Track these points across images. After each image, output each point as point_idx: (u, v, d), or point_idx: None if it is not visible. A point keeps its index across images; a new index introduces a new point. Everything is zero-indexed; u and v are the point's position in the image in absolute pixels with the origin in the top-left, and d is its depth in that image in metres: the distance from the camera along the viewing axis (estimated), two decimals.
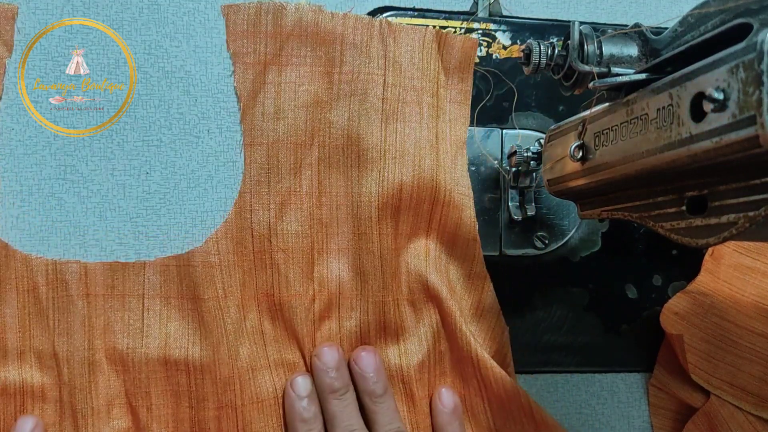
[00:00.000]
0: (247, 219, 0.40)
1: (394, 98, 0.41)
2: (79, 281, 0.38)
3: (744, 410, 0.43)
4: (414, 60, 0.41)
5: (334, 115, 0.41)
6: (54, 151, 0.39)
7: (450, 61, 0.43)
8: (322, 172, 0.41)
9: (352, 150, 0.41)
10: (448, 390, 0.42)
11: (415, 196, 0.41)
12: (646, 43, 0.32)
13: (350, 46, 0.40)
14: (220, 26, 0.41)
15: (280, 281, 0.40)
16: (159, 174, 0.40)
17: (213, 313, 0.39)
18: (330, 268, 0.41)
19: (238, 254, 0.39)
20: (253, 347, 0.39)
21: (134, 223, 0.40)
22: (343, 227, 0.41)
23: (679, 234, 0.29)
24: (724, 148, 0.24)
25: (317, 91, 0.41)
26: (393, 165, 0.40)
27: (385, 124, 0.40)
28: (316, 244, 0.41)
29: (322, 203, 0.41)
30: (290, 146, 0.40)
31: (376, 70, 0.41)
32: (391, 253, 0.41)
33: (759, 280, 0.45)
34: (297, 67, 0.40)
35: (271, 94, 0.40)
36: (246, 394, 0.39)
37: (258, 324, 0.40)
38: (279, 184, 0.40)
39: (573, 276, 0.45)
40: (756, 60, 0.22)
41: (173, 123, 0.41)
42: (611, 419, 0.46)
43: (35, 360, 0.38)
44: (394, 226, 0.41)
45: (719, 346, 0.44)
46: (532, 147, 0.41)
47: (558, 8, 0.47)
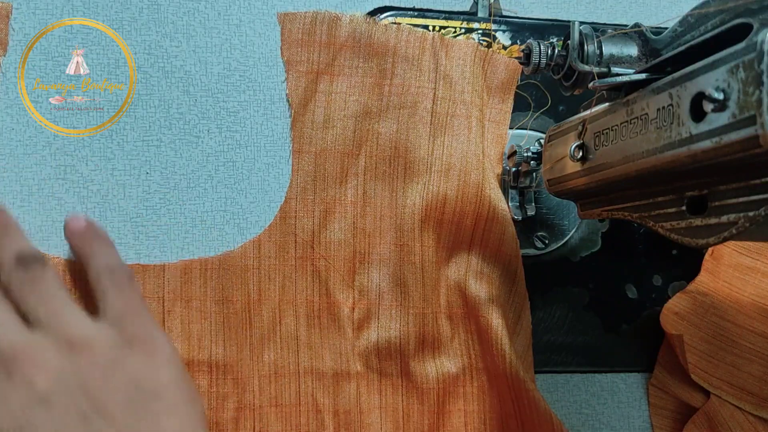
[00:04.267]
0: (291, 225, 0.40)
1: (443, 112, 0.41)
2: None
3: (744, 410, 0.43)
4: (465, 74, 0.41)
5: (382, 126, 0.41)
6: (54, 151, 0.39)
7: (493, 80, 0.43)
8: (368, 182, 0.41)
9: (398, 162, 0.41)
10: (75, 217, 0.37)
11: (458, 211, 0.41)
12: (646, 43, 0.32)
13: (402, 59, 0.41)
14: (220, 26, 0.41)
15: (320, 288, 0.40)
16: (159, 174, 0.40)
17: (240, 316, 0.39)
18: (371, 277, 0.41)
19: (280, 258, 0.40)
20: (284, 352, 0.40)
21: (134, 223, 0.40)
22: (385, 237, 0.41)
23: (679, 234, 0.29)
24: (724, 148, 0.24)
25: (367, 102, 0.41)
26: (438, 178, 0.40)
27: (433, 138, 0.41)
28: (358, 253, 0.41)
29: (366, 213, 0.41)
30: (337, 155, 0.41)
31: (427, 83, 0.41)
32: (432, 266, 0.41)
33: (759, 280, 0.45)
34: (348, 78, 0.41)
35: (321, 103, 0.41)
36: (265, 396, 0.39)
37: (294, 329, 0.40)
38: (324, 192, 0.41)
39: (573, 276, 0.45)
40: (756, 60, 0.22)
41: (173, 123, 0.41)
42: (611, 419, 0.46)
43: None
44: (435, 239, 0.41)
45: (719, 346, 0.44)
46: (532, 147, 0.41)
47: (558, 8, 0.47)
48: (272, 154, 0.42)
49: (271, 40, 0.42)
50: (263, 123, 0.42)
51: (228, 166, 0.41)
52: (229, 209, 0.41)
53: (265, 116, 0.42)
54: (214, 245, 0.40)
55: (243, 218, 0.41)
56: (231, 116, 0.41)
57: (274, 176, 0.41)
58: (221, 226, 0.41)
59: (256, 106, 0.42)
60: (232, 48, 0.42)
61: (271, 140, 0.42)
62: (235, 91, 0.41)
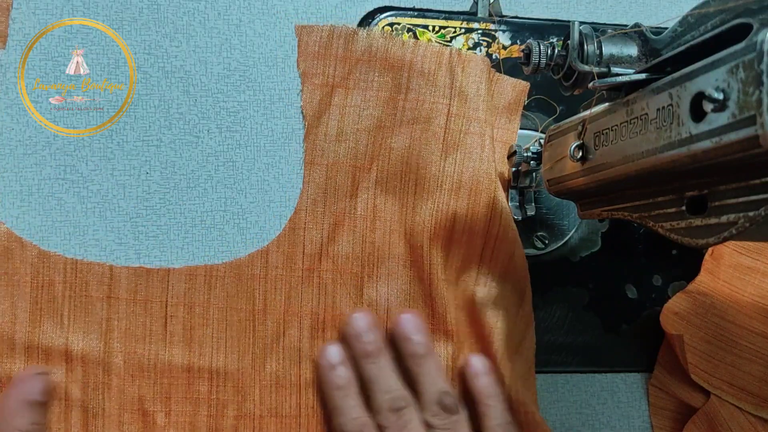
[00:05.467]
0: (300, 236, 0.40)
1: (456, 129, 0.41)
2: (101, 283, 0.38)
3: (744, 410, 0.43)
4: (480, 91, 0.41)
5: (395, 141, 0.41)
6: (54, 151, 0.39)
7: (500, 101, 0.43)
8: (378, 196, 0.41)
9: (410, 177, 0.41)
10: (476, 356, 0.40)
11: (468, 229, 0.40)
12: (646, 43, 0.32)
13: (417, 74, 0.41)
14: (220, 26, 0.41)
15: (326, 301, 0.40)
16: (159, 174, 0.40)
17: (243, 324, 0.39)
18: (379, 292, 0.41)
19: (287, 269, 0.40)
20: (285, 363, 0.40)
21: (134, 223, 0.40)
22: (394, 252, 0.41)
23: (679, 234, 0.29)
24: (724, 148, 0.24)
25: (381, 116, 0.41)
26: (449, 196, 0.40)
27: (445, 155, 0.41)
28: (367, 267, 0.41)
29: (376, 227, 0.41)
30: (349, 168, 0.41)
31: (441, 99, 0.41)
32: (440, 283, 0.40)
33: (759, 280, 0.45)
34: (363, 91, 0.41)
35: (335, 116, 0.41)
36: (265, 405, 0.39)
37: (297, 341, 0.40)
38: (335, 204, 0.41)
39: (573, 276, 0.45)
40: (756, 60, 0.22)
41: (173, 123, 0.41)
42: (611, 419, 0.46)
43: (42, 356, 0.38)
44: (444, 256, 0.41)
45: (719, 346, 0.44)
46: (532, 147, 0.41)
47: (558, 8, 0.47)
48: (272, 154, 0.42)
49: (271, 40, 0.42)
50: (263, 123, 0.42)
51: (228, 166, 0.41)
52: (229, 209, 0.41)
53: (265, 116, 0.42)
54: (214, 245, 0.40)
55: (243, 218, 0.41)
56: (231, 116, 0.41)
57: (274, 176, 0.41)
58: (221, 226, 0.41)
59: (256, 106, 0.42)
60: (232, 48, 0.42)
61: (271, 140, 0.42)
62: (235, 91, 0.41)
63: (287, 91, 0.42)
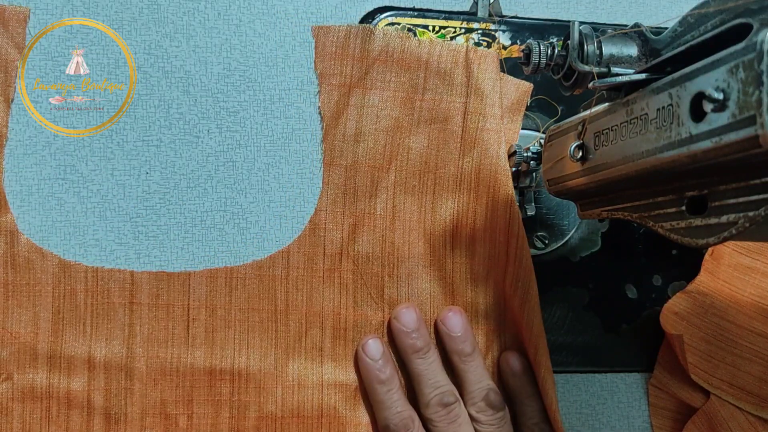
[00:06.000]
0: (320, 236, 0.40)
1: (473, 126, 0.41)
2: (123, 289, 0.39)
3: (744, 410, 0.43)
4: (495, 87, 0.42)
5: (413, 140, 0.41)
6: (54, 151, 0.39)
7: (504, 100, 0.43)
8: (397, 196, 0.41)
9: (428, 177, 0.41)
10: (514, 354, 0.41)
11: (489, 226, 0.41)
12: (646, 43, 0.32)
13: (434, 73, 0.41)
14: (220, 26, 0.41)
15: (347, 301, 0.40)
16: (159, 174, 0.40)
17: (265, 325, 0.39)
18: (400, 291, 0.41)
19: (308, 269, 0.40)
20: (307, 363, 0.40)
21: (134, 223, 0.40)
22: (414, 252, 0.41)
23: (679, 234, 0.29)
24: (724, 148, 0.24)
25: (398, 116, 0.41)
26: (468, 195, 0.41)
27: (463, 153, 0.41)
28: (387, 266, 0.41)
29: (395, 227, 0.41)
30: (368, 169, 0.41)
31: (458, 98, 0.41)
32: (463, 282, 0.41)
33: (759, 280, 0.45)
34: (381, 92, 0.41)
35: (353, 117, 0.41)
36: (287, 407, 0.39)
37: (319, 341, 0.40)
38: (354, 205, 0.41)
39: (573, 276, 0.45)
40: (756, 60, 0.22)
41: (173, 123, 0.41)
42: (611, 419, 0.46)
43: (65, 365, 0.38)
44: (470, 255, 0.41)
45: (719, 346, 0.44)
46: (532, 147, 0.41)
47: (558, 8, 0.47)
48: (272, 154, 0.42)
49: (271, 40, 0.42)
50: (263, 123, 0.42)
51: (228, 166, 0.41)
52: (229, 209, 0.41)
53: (265, 116, 0.42)
54: (214, 245, 0.40)
55: (243, 218, 0.41)
56: (231, 116, 0.41)
57: (274, 176, 0.41)
58: (221, 226, 0.41)
59: (256, 106, 0.42)
60: (232, 48, 0.42)
61: (271, 140, 0.42)
62: (235, 91, 0.41)
63: (287, 91, 0.42)
